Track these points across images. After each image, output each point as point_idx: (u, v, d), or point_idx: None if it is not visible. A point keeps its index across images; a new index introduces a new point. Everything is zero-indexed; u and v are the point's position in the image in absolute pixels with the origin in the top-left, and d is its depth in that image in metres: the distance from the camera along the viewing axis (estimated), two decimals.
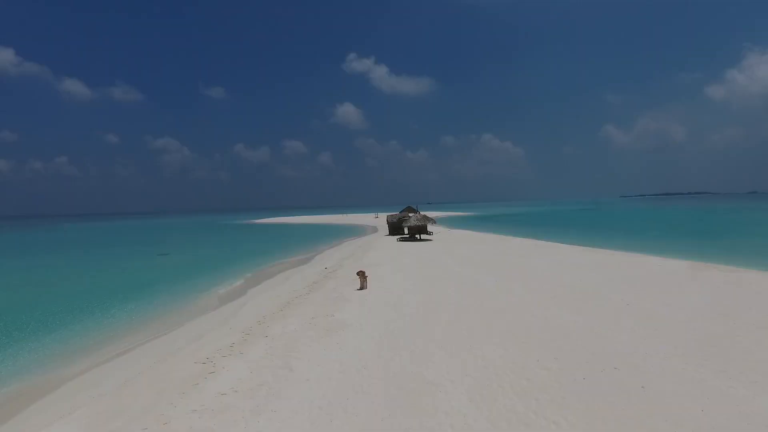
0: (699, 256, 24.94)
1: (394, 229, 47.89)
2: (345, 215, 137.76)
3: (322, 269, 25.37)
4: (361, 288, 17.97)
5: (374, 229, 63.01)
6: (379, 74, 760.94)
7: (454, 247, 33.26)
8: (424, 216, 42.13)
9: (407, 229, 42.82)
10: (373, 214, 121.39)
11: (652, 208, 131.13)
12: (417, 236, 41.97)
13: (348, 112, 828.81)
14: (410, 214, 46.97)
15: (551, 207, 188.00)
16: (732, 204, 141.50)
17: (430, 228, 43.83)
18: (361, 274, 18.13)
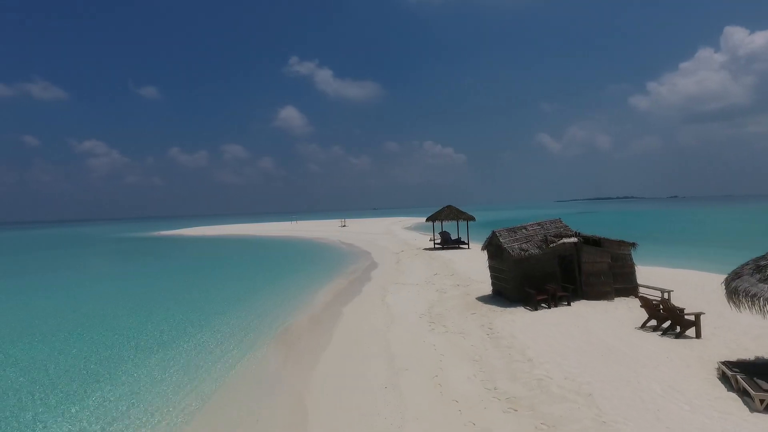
0: None
1: (531, 282, 13.42)
2: (294, 223, 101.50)
3: None
4: None
5: (372, 265, 28.32)
6: (323, 78, 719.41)
7: None
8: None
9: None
10: (339, 221, 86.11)
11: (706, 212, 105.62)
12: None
13: (291, 116, 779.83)
14: (567, 237, 12.98)
15: (550, 210, 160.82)
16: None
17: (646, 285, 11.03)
18: None
